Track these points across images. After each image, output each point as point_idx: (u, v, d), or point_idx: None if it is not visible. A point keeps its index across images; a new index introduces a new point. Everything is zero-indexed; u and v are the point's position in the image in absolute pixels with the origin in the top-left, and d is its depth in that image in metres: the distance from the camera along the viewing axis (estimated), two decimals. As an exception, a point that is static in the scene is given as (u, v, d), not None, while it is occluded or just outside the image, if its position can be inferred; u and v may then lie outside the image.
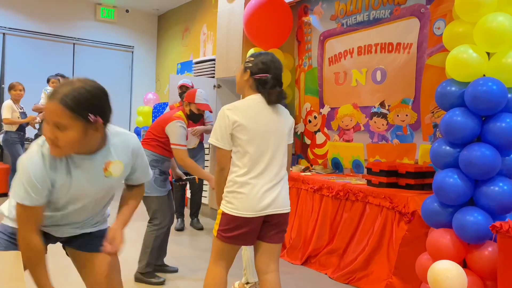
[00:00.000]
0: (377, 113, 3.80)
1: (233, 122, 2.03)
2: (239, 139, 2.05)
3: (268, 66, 2.11)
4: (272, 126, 2.10)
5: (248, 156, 2.04)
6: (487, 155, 2.26)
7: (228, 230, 2.05)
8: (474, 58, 2.34)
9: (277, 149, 2.11)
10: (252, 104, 2.10)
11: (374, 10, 3.82)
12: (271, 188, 2.07)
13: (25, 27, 7.14)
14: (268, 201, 2.05)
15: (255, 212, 2.03)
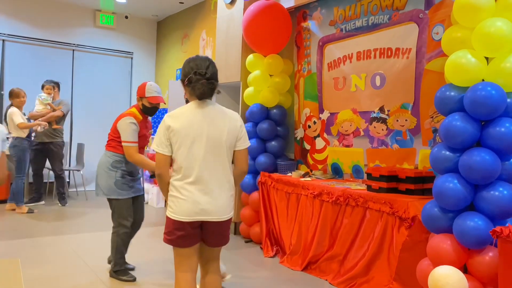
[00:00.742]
0: (376, 118, 3.80)
1: (168, 127, 2.08)
2: (174, 144, 2.08)
3: (189, 67, 2.15)
4: (208, 131, 2.09)
5: (182, 161, 2.08)
6: (487, 160, 2.26)
7: (170, 233, 2.11)
8: (473, 63, 2.35)
9: (215, 155, 2.10)
10: (188, 110, 2.13)
11: (373, 16, 3.83)
12: (207, 194, 2.09)
13: (25, 33, 7.15)
14: (201, 207, 2.08)
15: (188, 217, 2.08)
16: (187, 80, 2.13)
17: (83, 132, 7.62)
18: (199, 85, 2.08)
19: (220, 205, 2.12)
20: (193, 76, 2.09)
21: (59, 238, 4.48)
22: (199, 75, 2.09)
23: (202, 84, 2.09)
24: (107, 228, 5.00)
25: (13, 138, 5.53)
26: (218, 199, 2.11)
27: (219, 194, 2.12)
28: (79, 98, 7.65)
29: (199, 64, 2.14)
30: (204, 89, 2.10)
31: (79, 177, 7.16)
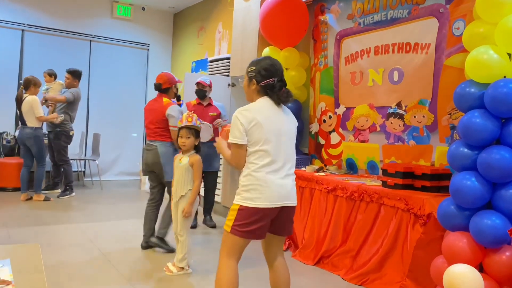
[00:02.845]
0: (393, 113, 3.76)
1: (251, 120, 2.17)
2: (255, 137, 2.18)
3: (271, 71, 2.27)
4: (283, 125, 2.27)
5: (265, 153, 2.18)
6: (507, 158, 2.23)
7: (245, 225, 2.15)
8: (495, 59, 2.30)
9: (288, 147, 2.28)
10: (265, 105, 2.25)
11: (392, 10, 3.78)
12: (285, 182, 2.23)
13: (43, 23, 7.24)
14: (284, 193, 2.21)
15: (273, 203, 2.17)
16: (266, 83, 2.25)
17: (99, 122, 7.71)
18: (284, 94, 2.26)
19: (294, 191, 2.30)
20: (276, 83, 2.25)
21: (75, 226, 4.55)
22: (281, 81, 2.28)
23: (286, 93, 2.27)
24: (121, 217, 5.07)
25: (34, 128, 5.55)
26: (293, 186, 2.29)
27: (292, 181, 2.29)
28: (95, 88, 7.74)
29: (279, 70, 2.30)
30: (288, 98, 2.28)
31: (94, 166, 7.25)
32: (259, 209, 2.15)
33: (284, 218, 2.27)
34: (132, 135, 8.19)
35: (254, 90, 2.30)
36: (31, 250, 1.43)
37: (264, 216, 2.17)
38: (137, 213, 5.35)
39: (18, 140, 5.69)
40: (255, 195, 2.15)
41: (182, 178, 3.26)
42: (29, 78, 5.67)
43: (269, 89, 2.26)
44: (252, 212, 2.15)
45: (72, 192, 6.10)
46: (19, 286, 1.18)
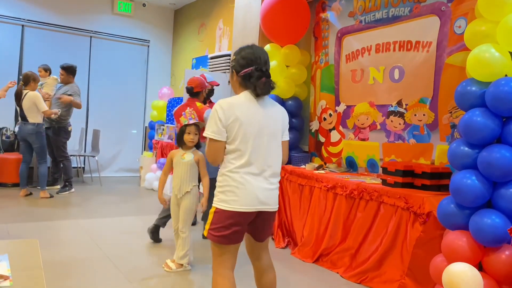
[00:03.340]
0: (394, 112, 3.75)
1: (229, 116, 1.98)
2: (233, 134, 2.00)
3: (250, 59, 2.06)
4: (266, 123, 2.06)
5: (242, 152, 2.00)
6: (507, 157, 2.22)
7: (220, 229, 2.00)
8: (497, 57, 2.30)
9: (271, 147, 2.08)
10: (246, 100, 2.05)
11: (394, 8, 3.77)
12: (264, 185, 2.05)
13: (43, 19, 7.22)
14: (262, 197, 2.03)
15: (250, 207, 2.00)
16: (244, 72, 2.06)
17: (98, 118, 7.70)
18: (261, 84, 2.03)
19: (274, 195, 2.11)
20: (254, 72, 2.04)
21: (74, 222, 4.55)
22: (261, 71, 2.05)
23: (263, 83, 2.03)
24: (120, 214, 5.07)
25: (36, 124, 5.51)
26: (273, 189, 2.10)
27: (274, 184, 2.10)
28: (95, 84, 7.73)
29: (258, 57, 2.08)
30: (267, 88, 2.05)
31: (94, 163, 7.24)
32: (234, 212, 1.98)
33: (262, 223, 2.10)
34: (132, 131, 8.18)
35: (236, 82, 2.11)
36: (29, 245, 1.43)
37: (240, 220, 2.00)
38: (136, 210, 5.35)
39: (19, 136, 5.65)
40: (230, 197, 1.98)
41: (187, 174, 3.26)
42: (28, 73, 5.63)
43: (247, 79, 2.05)
44: (227, 215, 1.98)
45: (72, 188, 6.09)
46: (16, 281, 1.17)
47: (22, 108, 5.52)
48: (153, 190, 6.72)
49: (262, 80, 2.03)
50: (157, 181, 6.67)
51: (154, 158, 6.98)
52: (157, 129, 7.25)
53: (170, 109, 7.09)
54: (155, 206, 5.59)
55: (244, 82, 2.07)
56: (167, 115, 7.13)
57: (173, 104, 7.05)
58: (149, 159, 7.03)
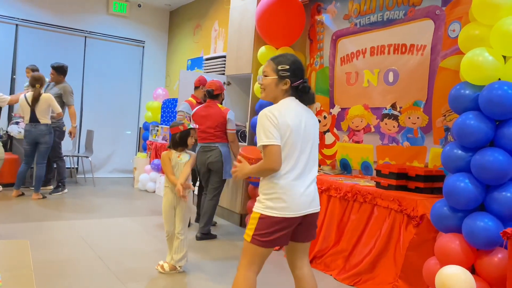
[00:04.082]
0: (388, 114, 3.76)
1: (282, 122, 2.01)
2: (284, 141, 2.02)
3: (302, 71, 2.18)
4: (310, 128, 2.14)
5: (291, 158, 2.04)
6: (500, 160, 2.23)
7: (267, 234, 2.03)
8: (490, 61, 2.31)
9: (312, 149, 2.15)
10: (294, 107, 2.11)
11: (388, 11, 3.78)
12: (309, 190, 2.11)
13: (38, 18, 7.18)
14: (308, 201, 2.10)
15: (298, 212, 2.05)
16: (299, 83, 2.14)
17: (92, 119, 7.67)
18: (312, 96, 2.19)
19: (317, 196, 2.18)
20: (306, 85, 2.16)
21: (67, 223, 4.52)
22: (307, 83, 2.18)
23: (312, 94, 2.19)
24: (114, 215, 5.04)
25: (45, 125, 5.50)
26: (316, 191, 2.18)
27: (315, 187, 2.18)
28: (89, 85, 7.69)
29: (304, 70, 2.23)
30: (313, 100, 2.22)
31: (87, 163, 7.20)
32: (283, 218, 2.02)
33: (308, 224, 2.15)
34: (126, 132, 8.15)
35: (283, 90, 2.13)
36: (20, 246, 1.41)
37: (287, 225, 2.05)
38: (129, 211, 5.32)
39: (27, 138, 5.52)
40: (278, 204, 2.02)
41: None
42: (42, 75, 5.62)
43: (301, 89, 2.13)
44: (275, 221, 2.02)
45: (65, 188, 6.05)
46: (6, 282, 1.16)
47: (34, 110, 5.45)
48: (147, 191, 6.69)
49: (311, 93, 2.19)
50: (151, 182, 6.66)
51: (148, 159, 6.95)
52: (152, 130, 7.23)
53: (164, 110, 7.06)
54: (148, 207, 5.57)
55: (294, 91, 2.15)
56: (161, 116, 7.11)
57: (168, 105, 7.03)
58: (143, 160, 7.01)
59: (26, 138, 5.53)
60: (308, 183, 2.10)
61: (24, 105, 5.48)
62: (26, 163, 5.59)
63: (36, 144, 5.53)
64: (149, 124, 7.42)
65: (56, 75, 5.98)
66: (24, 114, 5.52)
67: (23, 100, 5.50)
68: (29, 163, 5.61)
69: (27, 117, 5.48)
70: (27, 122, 5.50)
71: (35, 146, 5.54)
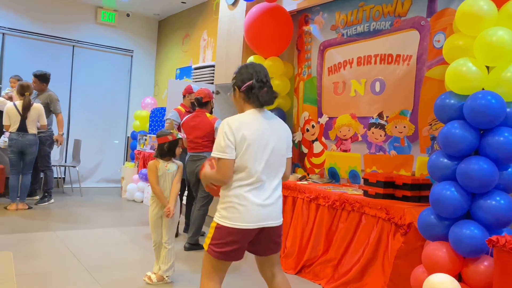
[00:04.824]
0: (375, 123, 3.80)
1: (237, 134, 2.00)
2: (240, 153, 2.01)
3: (249, 73, 2.12)
4: (272, 139, 2.09)
5: (247, 170, 2.02)
6: (485, 169, 2.26)
7: (221, 245, 2.01)
8: (474, 71, 2.35)
9: (276, 163, 2.10)
10: (250, 117, 2.08)
11: (375, 22, 3.84)
12: (268, 202, 2.06)
13: (25, 27, 7.13)
14: (265, 213, 2.05)
15: (252, 223, 2.01)
16: (245, 86, 2.10)
17: (80, 128, 7.60)
18: (263, 93, 2.08)
19: (277, 209, 2.12)
20: (255, 83, 2.08)
21: (53, 234, 4.45)
22: (261, 82, 2.09)
23: (266, 92, 2.09)
24: (101, 225, 4.98)
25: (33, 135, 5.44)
26: (277, 204, 2.12)
27: (276, 200, 2.12)
28: (77, 94, 7.64)
29: (259, 71, 2.13)
30: (269, 97, 2.10)
31: (74, 173, 7.12)
32: (236, 229, 1.99)
33: (265, 239, 2.10)
34: (114, 141, 8.09)
35: (240, 99, 2.14)
36: (2, 258, 1.38)
37: (242, 237, 2.01)
38: (117, 221, 5.26)
39: (14, 147, 5.39)
40: (232, 214, 2.00)
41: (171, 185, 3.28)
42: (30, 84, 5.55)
43: (249, 91, 2.09)
44: (229, 232, 2.00)
45: (51, 199, 5.97)
46: (-12, 295, 1.13)
47: (25, 119, 5.37)
48: (134, 201, 6.63)
49: (264, 90, 2.08)
50: (139, 192, 6.60)
51: (136, 169, 6.90)
52: (139, 139, 7.18)
53: (153, 119, 7.03)
54: (136, 218, 5.51)
55: (247, 96, 2.11)
56: (150, 125, 7.08)
57: (156, 114, 7.00)
58: (131, 169, 6.95)
59: (12, 147, 5.39)
60: (267, 194, 2.06)
61: (14, 114, 5.36)
62: (15, 173, 5.47)
63: (21, 153, 5.45)
64: (137, 133, 7.37)
65: (38, 83, 5.89)
66: (11, 122, 5.38)
67: (12, 109, 5.37)
68: (18, 172, 5.51)
69: (15, 126, 5.37)
70: (13, 131, 5.40)
71: (21, 156, 5.46)
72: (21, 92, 5.42)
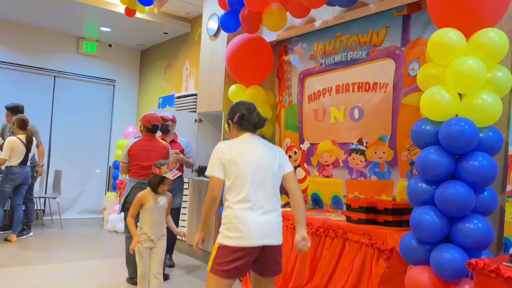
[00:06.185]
0: (355, 149, 3.87)
1: (227, 154, 2.23)
2: (230, 171, 2.21)
3: (238, 106, 2.43)
4: (264, 160, 2.29)
5: (239, 188, 2.19)
6: (462, 193, 2.32)
7: (224, 264, 2.11)
8: (447, 98, 2.44)
9: (269, 183, 2.27)
10: (245, 140, 2.34)
11: (352, 51, 3.96)
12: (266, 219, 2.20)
13: (5, 58, 7.10)
14: (265, 231, 2.18)
15: (253, 241, 2.13)
16: (237, 116, 2.39)
17: (61, 159, 7.50)
18: (254, 117, 2.38)
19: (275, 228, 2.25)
20: (245, 112, 2.38)
21: (32, 268, 4.32)
22: (249, 110, 2.41)
23: (256, 115, 2.39)
24: (82, 258, 4.86)
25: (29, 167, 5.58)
26: (274, 223, 2.25)
27: (274, 218, 2.25)
28: (58, 124, 7.57)
29: (246, 103, 2.48)
30: (259, 118, 2.40)
31: (55, 204, 6.98)
32: (238, 248, 2.11)
33: (267, 258, 2.21)
34: (96, 171, 7.99)
35: (234, 130, 2.42)
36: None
37: (245, 255, 2.12)
38: (98, 253, 5.15)
39: (18, 180, 5.43)
40: (233, 233, 2.13)
41: (162, 217, 3.29)
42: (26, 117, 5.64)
43: (241, 120, 2.36)
44: (232, 250, 2.11)
45: (30, 232, 5.83)
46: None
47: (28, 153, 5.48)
48: (116, 232, 6.51)
49: (254, 115, 2.39)
50: (121, 223, 6.48)
51: (118, 199, 6.80)
52: (122, 168, 7.11)
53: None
54: (118, 249, 5.40)
55: (240, 125, 2.39)
56: (132, 155, 7.02)
57: (139, 143, 6.96)
58: (112, 199, 6.85)
59: (15, 181, 5.40)
60: (263, 213, 2.19)
61: (21, 148, 5.42)
62: (1, 206, 5.41)
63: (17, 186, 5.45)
64: (119, 162, 7.30)
65: (11, 115, 5.87)
66: (16, 156, 5.39)
67: (19, 143, 5.42)
68: (4, 206, 5.43)
69: (19, 159, 5.38)
70: (15, 164, 5.36)
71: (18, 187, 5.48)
72: (23, 126, 5.46)
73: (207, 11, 5.33)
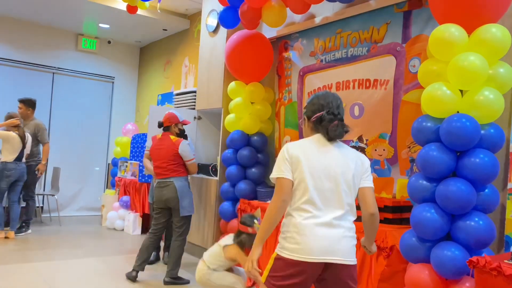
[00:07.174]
0: (355, 147, 3.84)
1: (292, 155, 1.94)
2: (295, 174, 1.94)
3: (321, 104, 2.03)
4: (335, 166, 1.96)
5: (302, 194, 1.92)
6: (463, 190, 2.30)
7: (280, 278, 1.86)
8: (448, 95, 2.42)
9: (340, 191, 1.95)
10: (314, 142, 2.01)
11: (352, 48, 3.93)
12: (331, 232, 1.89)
13: (3, 55, 7.07)
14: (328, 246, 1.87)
15: (313, 257, 1.84)
16: (315, 117, 2.02)
17: (60, 156, 7.47)
18: (333, 127, 1.97)
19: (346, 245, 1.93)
20: (325, 115, 1.99)
21: (30, 265, 4.30)
22: (332, 114, 2.00)
23: (335, 126, 1.98)
24: (80, 256, 4.84)
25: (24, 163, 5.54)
26: (343, 238, 1.93)
27: (344, 232, 1.94)
28: (57, 121, 7.55)
29: (330, 102, 2.04)
30: (339, 131, 1.98)
31: (53, 202, 6.95)
32: (294, 261, 1.83)
33: (334, 279, 1.89)
34: (95, 168, 7.97)
35: (308, 128, 2.08)
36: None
37: (302, 271, 1.83)
38: (96, 251, 5.13)
39: (13, 176, 5.40)
40: (292, 244, 1.86)
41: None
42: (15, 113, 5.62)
43: (318, 123, 2.00)
44: (289, 263, 1.84)
45: (28, 229, 5.80)
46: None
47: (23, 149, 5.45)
48: (115, 229, 6.50)
49: (334, 123, 1.98)
50: (120, 220, 6.47)
51: (116, 196, 6.78)
52: (120, 165, 7.10)
53: (134, 145, 6.97)
54: (116, 246, 5.39)
55: (315, 127, 2.03)
56: (131, 152, 7.01)
57: (137, 140, 6.95)
58: (111, 197, 6.83)
59: (10, 177, 5.38)
60: (329, 224, 1.89)
61: (18, 143, 5.39)
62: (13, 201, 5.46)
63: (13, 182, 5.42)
64: (118, 160, 7.29)
65: (25, 108, 5.88)
66: (12, 151, 5.36)
67: (17, 138, 5.39)
68: (0, 202, 5.42)
69: (15, 155, 5.35)
70: (11, 160, 5.34)
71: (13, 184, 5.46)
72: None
73: (207, 7, 5.30)
